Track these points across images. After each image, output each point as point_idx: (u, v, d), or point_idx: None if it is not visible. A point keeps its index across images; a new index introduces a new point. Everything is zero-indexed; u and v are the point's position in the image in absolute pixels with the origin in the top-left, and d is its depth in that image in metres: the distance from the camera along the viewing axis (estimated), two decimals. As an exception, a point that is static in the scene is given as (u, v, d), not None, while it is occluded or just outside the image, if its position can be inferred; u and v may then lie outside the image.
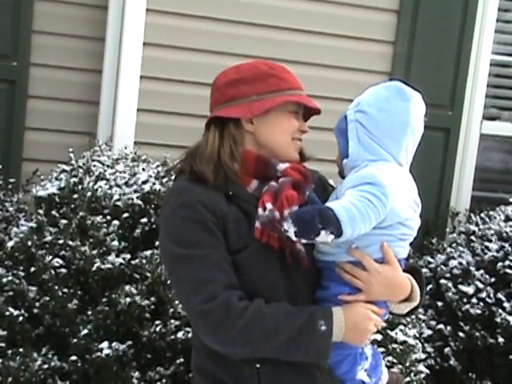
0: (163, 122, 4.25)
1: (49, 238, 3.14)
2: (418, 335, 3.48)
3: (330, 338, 1.88)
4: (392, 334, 3.24)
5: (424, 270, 4.19)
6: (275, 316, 1.86)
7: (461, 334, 3.87)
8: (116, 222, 3.12)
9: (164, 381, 2.88)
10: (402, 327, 3.30)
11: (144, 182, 3.27)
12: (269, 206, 1.91)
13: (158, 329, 2.93)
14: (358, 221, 1.86)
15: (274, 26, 4.38)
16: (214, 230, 1.90)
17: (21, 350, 2.94)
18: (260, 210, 1.92)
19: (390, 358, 3.20)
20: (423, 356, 3.43)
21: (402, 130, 2.03)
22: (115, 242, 3.07)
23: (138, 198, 3.19)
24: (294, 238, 1.84)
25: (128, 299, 2.92)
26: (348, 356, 1.99)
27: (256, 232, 1.91)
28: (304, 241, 1.86)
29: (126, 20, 4.13)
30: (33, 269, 3.09)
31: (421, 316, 3.63)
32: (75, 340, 2.92)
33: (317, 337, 1.86)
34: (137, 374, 2.87)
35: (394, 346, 3.21)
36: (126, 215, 3.15)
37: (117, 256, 3.05)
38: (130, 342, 2.91)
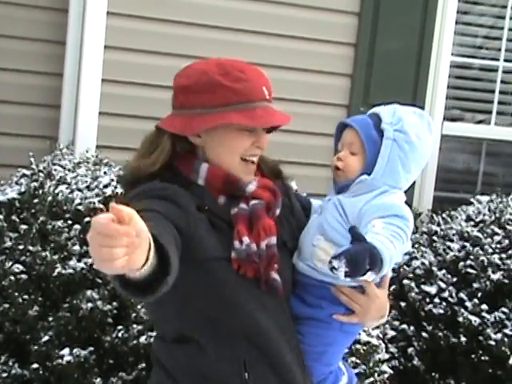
0: (125, 125, 4.22)
1: (9, 244, 3.11)
2: (381, 335, 3.50)
3: None
4: (355, 334, 3.24)
5: (387, 270, 4.22)
6: None
7: (424, 334, 3.89)
8: (77, 227, 3.10)
9: (127, 386, 2.86)
10: (365, 328, 3.30)
11: (106, 186, 3.25)
12: (245, 239, 1.83)
13: (120, 334, 2.91)
14: (394, 259, 1.81)
15: (236, 28, 4.38)
16: (176, 202, 1.80)
17: (-20, 357, 2.91)
18: (236, 243, 1.83)
19: (353, 359, 3.21)
20: (387, 356, 3.44)
21: (422, 163, 2.00)
22: (77, 247, 3.05)
23: (99, 201, 3.17)
24: (342, 277, 1.73)
25: (90, 304, 2.90)
26: (330, 373, 1.98)
27: (233, 263, 1.83)
28: (348, 279, 1.77)
29: (87, 23, 4.11)
30: (-8, 275, 3.05)
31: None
32: (36, 347, 2.89)
33: None
34: (99, 380, 2.85)
35: (358, 346, 3.22)
36: (87, 219, 3.12)
37: (78, 261, 3.03)
38: (91, 348, 2.88)
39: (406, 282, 4.00)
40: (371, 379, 3.30)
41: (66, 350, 2.85)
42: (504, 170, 5.08)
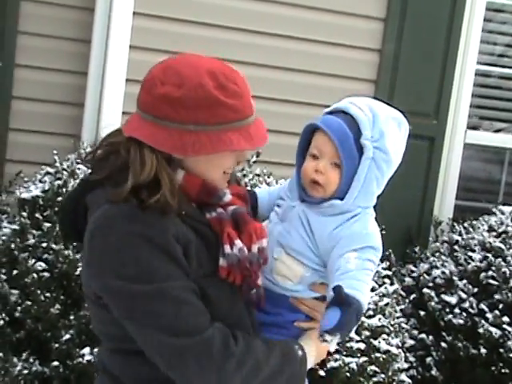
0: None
1: (32, 241, 3.11)
2: (400, 344, 3.48)
3: (306, 366, 1.80)
4: (375, 342, 3.23)
5: (407, 278, 4.20)
6: (261, 346, 1.73)
7: (443, 344, 3.87)
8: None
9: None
10: (385, 336, 3.29)
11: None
12: (238, 243, 1.72)
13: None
14: (369, 298, 1.82)
15: (261, 31, 4.38)
16: (182, 261, 1.68)
17: (0, 354, 2.91)
18: (227, 248, 1.71)
19: (372, 367, 3.19)
20: (406, 366, 3.42)
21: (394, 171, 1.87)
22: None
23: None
24: (332, 350, 1.73)
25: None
26: None
27: (221, 271, 1.72)
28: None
29: (113, 22, 4.11)
30: (15, 272, 3.06)
31: (403, 325, 3.62)
32: (57, 345, 2.89)
33: (297, 363, 1.77)
34: None
35: (377, 355, 3.20)
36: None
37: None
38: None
39: (425, 290, 3.98)
40: (390, 388, 3.29)
41: (86, 349, 2.85)
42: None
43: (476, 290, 3.89)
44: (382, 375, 3.20)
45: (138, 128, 1.71)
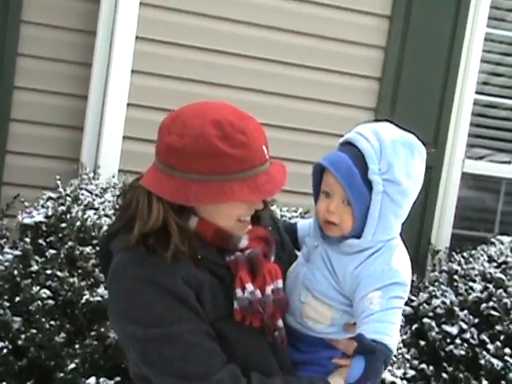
0: (149, 150, 4.18)
1: (35, 268, 3.07)
2: (403, 376, 3.46)
3: None
4: (380, 374, 3.21)
5: (406, 307, 4.18)
6: None
7: (444, 375, 3.85)
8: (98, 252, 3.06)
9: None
10: (389, 367, 3.27)
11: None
12: (249, 287, 1.72)
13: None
14: (398, 338, 1.74)
15: (263, 58, 4.37)
16: (193, 304, 1.69)
17: (4, 383, 2.86)
18: (239, 292, 1.72)
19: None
20: (410, 397, 3.41)
21: (415, 198, 1.82)
22: (104, 274, 3.01)
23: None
24: None
25: (118, 333, 2.85)
26: None
27: (236, 315, 1.73)
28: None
29: (115, 46, 4.09)
30: (18, 299, 3.01)
31: (406, 356, 3.61)
32: (62, 374, 2.84)
33: None
34: (125, 411, 2.81)
35: (383, 387, 3.18)
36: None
37: (105, 288, 2.98)
38: (118, 378, 2.84)
39: (426, 320, 3.96)
40: (395, 420, 3.26)
41: (92, 379, 2.81)
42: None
43: (477, 320, 3.88)
44: (388, 407, 3.18)
45: (149, 176, 1.75)
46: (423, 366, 3.89)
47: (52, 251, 3.07)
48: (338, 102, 4.55)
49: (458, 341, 3.85)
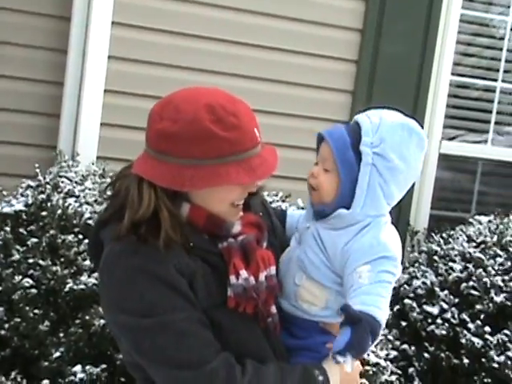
0: (127, 136, 4.17)
1: (16, 257, 3.04)
2: (385, 357, 3.48)
3: None
4: (364, 355, 3.23)
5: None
6: (274, 374, 1.71)
7: (425, 355, 3.88)
8: (87, 241, 3.04)
9: (139, 405, 2.81)
10: (373, 349, 3.29)
11: (115, 200, 3.20)
12: (243, 273, 1.72)
13: (132, 351, 2.86)
14: (387, 311, 1.73)
15: (241, 42, 4.36)
16: (186, 293, 1.69)
17: (-13, 373, 2.85)
18: (233, 278, 1.72)
19: (362, 380, 3.19)
20: (393, 378, 3.43)
21: (410, 183, 1.85)
22: (87, 262, 3.00)
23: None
24: (349, 370, 1.65)
25: (102, 321, 2.84)
26: None
27: (230, 302, 1.72)
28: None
29: (91, 32, 4.05)
30: (0, 288, 2.99)
31: (388, 337, 3.63)
32: (46, 363, 2.83)
33: None
34: (111, 398, 2.80)
35: (367, 368, 3.20)
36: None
37: (89, 276, 2.97)
38: (103, 366, 2.83)
39: (407, 301, 3.98)
40: (378, 400, 3.29)
41: (78, 367, 2.79)
42: (499, 191, 5.10)
43: (457, 300, 3.91)
44: (368, 389, 3.20)
45: (140, 163, 1.73)
46: (405, 346, 3.92)
47: (33, 240, 3.05)
48: (315, 84, 4.55)
49: (438, 321, 3.88)
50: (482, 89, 4.98)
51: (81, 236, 3.06)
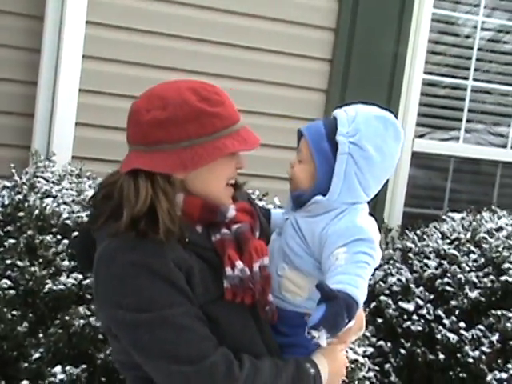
0: (102, 136, 4.16)
1: (-6, 258, 3.02)
2: (362, 353, 3.51)
3: (320, 381, 1.81)
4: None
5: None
6: (269, 369, 1.74)
7: (401, 351, 3.92)
8: (66, 241, 3.03)
9: (120, 405, 2.81)
10: (351, 345, 3.31)
11: (92, 200, 3.19)
12: (239, 264, 1.74)
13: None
14: (365, 292, 1.75)
15: (215, 41, 4.36)
16: (184, 288, 1.71)
17: (-34, 375, 2.82)
18: (228, 270, 1.74)
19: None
20: (371, 374, 3.46)
21: (387, 174, 1.90)
22: (65, 262, 2.99)
23: (87, 216, 3.11)
24: (324, 345, 1.66)
25: (82, 321, 2.83)
26: None
27: (227, 294, 1.74)
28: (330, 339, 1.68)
29: (65, 31, 4.03)
30: (-23, 290, 2.97)
31: (366, 333, 3.66)
32: (26, 364, 2.81)
33: (310, 381, 1.78)
34: (92, 398, 2.80)
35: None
36: (75, 234, 3.06)
37: (67, 276, 2.96)
38: (84, 366, 2.82)
39: (382, 298, 4.02)
40: (356, 397, 3.31)
41: (57, 368, 2.78)
42: (471, 188, 5.16)
43: (432, 296, 3.96)
44: (351, 384, 3.23)
45: (133, 161, 1.74)
46: (381, 342, 3.95)
47: (11, 241, 3.03)
48: (289, 83, 4.57)
49: (414, 317, 3.92)
50: (454, 87, 5.03)
51: (59, 236, 3.05)
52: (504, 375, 3.76)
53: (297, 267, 1.86)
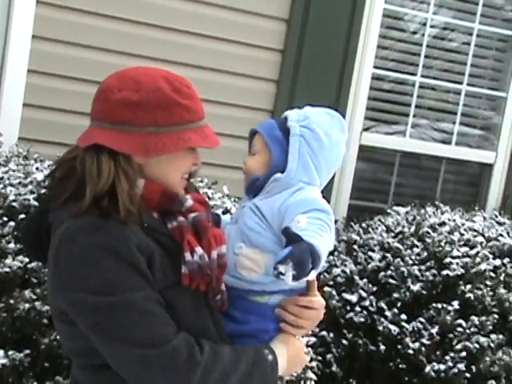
0: (50, 118, 4.11)
1: None
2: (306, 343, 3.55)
3: (277, 369, 1.83)
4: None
5: (307, 277, 4.27)
6: (229, 354, 1.76)
7: (343, 341, 3.97)
8: (12, 224, 2.99)
9: (63, 390, 2.79)
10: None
11: (40, 183, 3.15)
12: (199, 250, 1.75)
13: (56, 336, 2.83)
14: (326, 251, 1.80)
15: (166, 26, 4.34)
16: (146, 272, 1.70)
17: None
18: (188, 255, 1.75)
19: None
20: (314, 364, 3.49)
21: (335, 162, 1.99)
22: (11, 245, 2.95)
23: (34, 198, 3.07)
24: (289, 282, 1.67)
25: (27, 305, 2.80)
26: None
27: (184, 279, 1.74)
28: (296, 283, 1.71)
29: (15, 11, 3.96)
30: None
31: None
32: (-35, 348, 2.78)
33: (267, 367, 1.80)
34: None
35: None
36: (22, 216, 3.02)
37: (13, 259, 2.92)
38: (27, 351, 2.79)
39: (326, 289, 4.06)
40: (299, 386, 3.35)
41: (0, 352, 2.74)
42: (416, 182, 5.24)
43: (375, 288, 4.01)
44: (294, 373, 3.25)
45: (96, 136, 1.74)
46: (324, 333, 4.00)
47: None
48: (240, 72, 4.56)
49: (357, 308, 3.98)
50: (402, 82, 5.09)
51: (5, 218, 3.00)
52: (442, 366, 3.85)
53: (254, 244, 1.89)
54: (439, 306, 3.88)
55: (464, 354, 3.84)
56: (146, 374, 1.67)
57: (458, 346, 3.85)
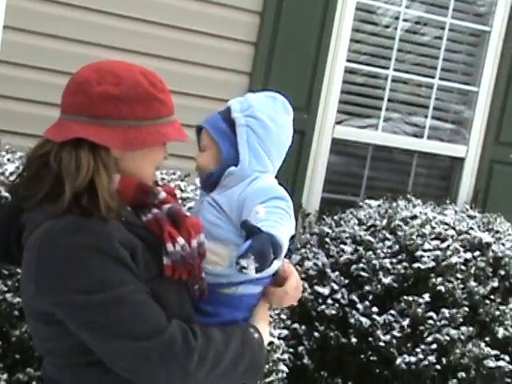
0: (20, 109, 4.08)
1: None
2: (277, 335, 3.55)
3: (264, 347, 1.87)
4: (259, 334, 3.28)
5: (279, 269, 4.28)
6: (219, 336, 1.78)
7: (315, 334, 3.98)
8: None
9: (34, 383, 2.77)
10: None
11: (11, 174, 3.13)
12: (180, 240, 1.76)
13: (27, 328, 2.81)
14: (287, 239, 1.80)
15: (138, 18, 4.32)
16: (131, 265, 1.70)
17: None
18: (170, 246, 1.75)
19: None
20: (286, 356, 3.50)
21: (285, 145, 2.00)
22: (-19, 237, 2.92)
23: (5, 190, 3.05)
24: (253, 275, 1.68)
25: (-2, 297, 2.79)
26: None
27: (167, 270, 1.75)
28: (259, 275, 1.72)
29: (-14, 0, 3.93)
30: None
31: (281, 316, 3.70)
32: None
33: (255, 345, 1.83)
34: (5, 375, 2.74)
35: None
36: (-8, 209, 2.99)
37: None
38: (-2, 342, 2.78)
39: (298, 281, 4.06)
40: (271, 378, 3.36)
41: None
42: (387, 176, 5.26)
43: (347, 281, 4.03)
44: (266, 365, 3.26)
45: (76, 130, 1.72)
46: (296, 325, 4.01)
47: None
48: (213, 65, 4.56)
49: (329, 301, 3.99)
50: (374, 76, 5.11)
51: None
52: (413, 359, 3.88)
53: (216, 238, 1.90)
54: (410, 298, 3.91)
55: (435, 346, 3.87)
56: (145, 365, 1.67)
57: (429, 339, 3.88)
